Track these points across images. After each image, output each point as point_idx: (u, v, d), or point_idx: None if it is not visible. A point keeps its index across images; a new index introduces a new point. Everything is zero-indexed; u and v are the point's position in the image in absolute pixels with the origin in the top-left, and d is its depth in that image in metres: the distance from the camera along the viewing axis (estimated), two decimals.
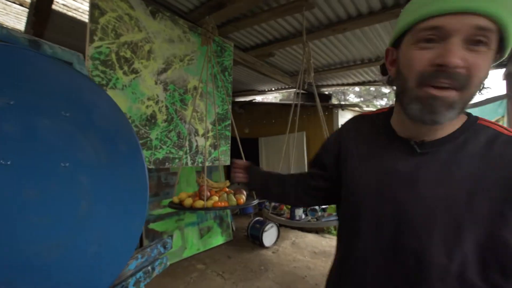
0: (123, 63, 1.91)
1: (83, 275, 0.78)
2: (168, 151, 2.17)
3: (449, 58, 0.41)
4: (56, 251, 0.77)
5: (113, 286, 0.84)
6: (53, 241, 0.79)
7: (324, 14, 2.23)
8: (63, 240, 0.80)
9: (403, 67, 0.49)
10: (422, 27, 0.44)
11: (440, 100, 0.43)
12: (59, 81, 0.94)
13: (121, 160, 1.02)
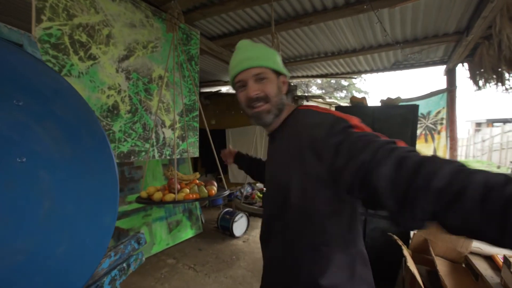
0: (79, 47, 1.73)
1: (52, 280, 0.72)
2: (133, 143, 2.04)
3: (249, 94, 0.77)
4: (18, 257, 0.69)
5: (87, 286, 0.79)
6: (13, 246, 0.72)
7: (291, 6, 2.27)
8: (25, 244, 0.72)
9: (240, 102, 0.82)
10: (235, 81, 0.80)
11: (260, 113, 0.78)
12: (8, 65, 0.83)
13: (87, 153, 0.94)
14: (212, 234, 3.77)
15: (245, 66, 0.77)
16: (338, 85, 12.24)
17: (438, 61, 3.52)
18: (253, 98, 0.76)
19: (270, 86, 0.78)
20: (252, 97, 0.76)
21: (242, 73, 0.77)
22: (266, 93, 0.77)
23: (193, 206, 3.72)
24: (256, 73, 0.77)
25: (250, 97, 0.77)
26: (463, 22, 2.47)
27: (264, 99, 0.77)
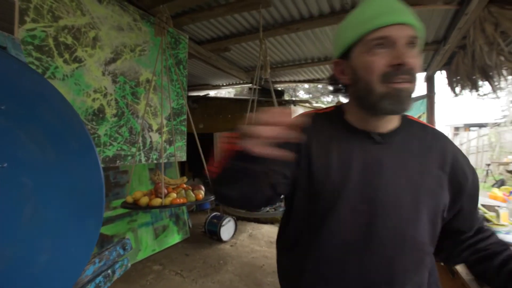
0: (63, 50, 1.70)
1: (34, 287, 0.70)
2: (119, 147, 2.01)
3: (406, 59, 0.51)
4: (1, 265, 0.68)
5: None
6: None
7: (279, 13, 2.32)
8: (6, 250, 0.70)
9: (361, 72, 0.55)
10: (371, 37, 0.53)
11: (404, 92, 0.53)
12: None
13: (72, 158, 0.93)
14: (199, 239, 3.74)
15: (401, 19, 0.52)
16: (325, 90, 12.49)
17: None
18: (405, 66, 0.51)
19: (419, 60, 0.55)
20: (405, 65, 0.51)
21: (393, 28, 0.52)
22: (415, 68, 0.53)
23: (180, 210, 3.68)
24: (413, 34, 0.53)
25: (403, 63, 0.51)
26: (441, 32, 2.61)
27: (413, 76, 0.53)
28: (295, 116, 0.64)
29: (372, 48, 0.53)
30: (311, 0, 2.12)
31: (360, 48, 0.55)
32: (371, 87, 0.54)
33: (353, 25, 0.56)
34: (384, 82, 0.52)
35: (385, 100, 0.53)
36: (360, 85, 0.57)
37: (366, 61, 0.54)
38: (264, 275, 2.76)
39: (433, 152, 0.60)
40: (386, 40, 0.52)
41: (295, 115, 0.66)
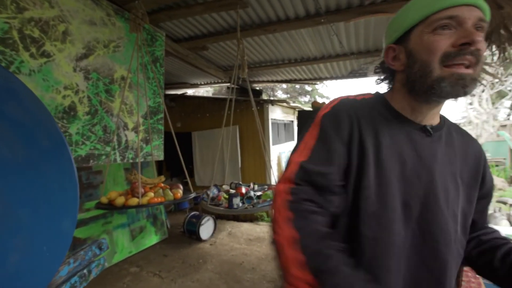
0: (30, 43, 1.61)
1: None
2: (92, 147, 1.94)
3: (474, 37, 0.47)
4: None
5: None
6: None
7: (256, 14, 2.37)
8: None
9: (421, 53, 0.52)
10: (438, 17, 0.49)
11: (468, 76, 0.49)
12: None
13: (44, 156, 0.91)
14: (178, 239, 3.69)
15: (471, 1, 0.49)
16: (302, 90, 12.80)
17: None
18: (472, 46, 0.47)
19: (485, 45, 0.51)
20: (473, 44, 0.47)
21: (461, 8, 0.49)
22: (482, 52, 0.49)
23: (158, 211, 3.61)
24: (481, 17, 0.49)
25: (471, 42, 0.47)
26: None
27: (478, 58, 0.49)
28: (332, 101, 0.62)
29: (437, 28, 0.49)
30: (287, 3, 2.19)
31: (423, 28, 0.51)
32: (429, 69, 0.51)
33: (418, 6, 0.52)
34: (444, 63, 0.49)
35: (444, 83, 0.50)
36: (415, 67, 0.53)
37: (429, 40, 0.50)
38: (244, 272, 2.80)
39: (471, 151, 0.61)
40: (454, 20, 0.48)
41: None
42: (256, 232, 4.00)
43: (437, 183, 0.54)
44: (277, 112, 5.00)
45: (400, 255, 0.54)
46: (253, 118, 2.77)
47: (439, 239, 0.54)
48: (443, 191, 0.54)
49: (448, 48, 0.49)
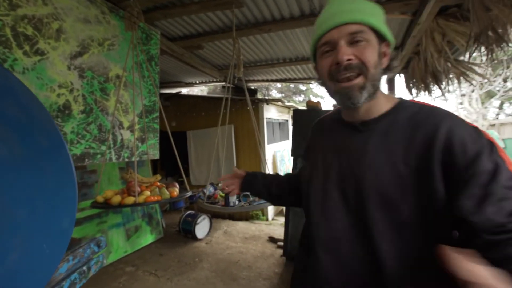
0: (23, 41, 1.59)
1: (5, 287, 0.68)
2: (87, 145, 1.93)
3: (339, 56, 0.56)
4: None
5: None
6: None
7: (252, 13, 2.38)
8: None
9: (320, 74, 0.64)
10: (319, 44, 0.61)
11: (351, 89, 0.57)
12: None
13: (42, 155, 0.91)
14: (173, 238, 3.68)
15: (338, 21, 0.56)
16: (297, 89, 12.86)
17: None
18: (342, 64, 0.55)
19: (369, 52, 0.56)
20: (341, 63, 0.55)
21: (331, 32, 0.57)
22: (363, 61, 0.55)
23: (153, 210, 3.60)
24: (352, 31, 0.56)
25: (338, 62, 0.56)
26: (398, 39, 2.87)
27: (359, 68, 0.56)
28: None
29: (323, 53, 0.60)
30: (282, 3, 2.21)
31: (318, 54, 0.63)
32: (327, 86, 0.62)
33: (312, 36, 0.64)
34: (332, 80, 0.60)
35: (336, 96, 0.61)
36: (323, 84, 0.65)
37: (319, 65, 0.63)
38: (240, 270, 2.82)
39: (420, 135, 0.55)
40: (329, 44, 0.58)
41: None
42: (251, 231, 4.02)
43: (369, 171, 0.58)
44: (272, 111, 5.03)
45: (340, 239, 0.61)
46: (248, 117, 2.79)
47: (372, 227, 0.56)
48: (375, 177, 0.57)
49: (329, 67, 0.59)
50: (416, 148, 0.55)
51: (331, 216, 0.63)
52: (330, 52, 0.59)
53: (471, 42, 2.00)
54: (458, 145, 0.51)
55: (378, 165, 0.58)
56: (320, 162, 0.69)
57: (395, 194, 0.55)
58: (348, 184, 0.61)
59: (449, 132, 0.52)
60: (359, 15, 0.56)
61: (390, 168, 0.56)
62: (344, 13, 0.57)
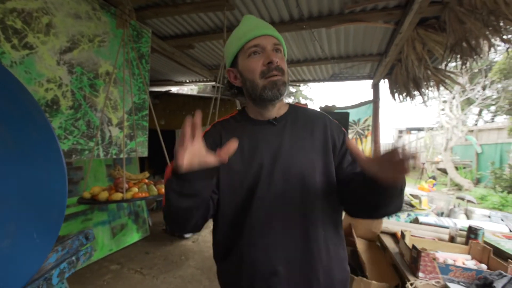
0: (12, 34, 1.58)
1: None
2: (75, 141, 1.92)
3: (274, 58, 0.70)
4: None
5: (33, 280, 0.78)
6: None
7: (242, 15, 2.43)
8: None
9: (246, 74, 0.74)
10: (248, 46, 0.72)
11: (279, 81, 0.71)
12: None
13: (32, 147, 0.93)
14: (160, 237, 3.68)
15: (266, 32, 0.73)
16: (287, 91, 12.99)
17: (366, 76, 4.14)
18: (274, 64, 0.70)
19: (284, 62, 0.75)
20: (273, 63, 0.70)
21: (260, 38, 0.72)
22: (282, 65, 0.72)
23: (140, 208, 3.58)
24: (275, 42, 0.73)
25: (271, 61, 0.70)
26: (382, 46, 3.01)
27: (282, 71, 0.72)
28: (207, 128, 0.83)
29: (250, 54, 0.72)
30: (272, 7, 2.28)
31: (242, 56, 0.74)
32: (255, 83, 0.73)
33: (235, 40, 0.75)
34: (262, 77, 0.71)
35: (266, 90, 0.72)
36: (248, 83, 0.75)
37: (248, 64, 0.73)
38: None
39: (317, 126, 0.79)
40: (258, 47, 0.72)
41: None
42: None
43: (288, 157, 0.73)
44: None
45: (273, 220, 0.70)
46: None
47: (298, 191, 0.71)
48: (294, 162, 0.73)
49: (262, 67, 0.71)
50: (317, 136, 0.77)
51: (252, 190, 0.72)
52: (258, 54, 0.72)
53: (447, 52, 2.15)
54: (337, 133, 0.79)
55: (296, 149, 0.74)
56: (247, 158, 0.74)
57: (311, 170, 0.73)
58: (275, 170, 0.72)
59: (331, 124, 0.80)
60: (278, 34, 0.76)
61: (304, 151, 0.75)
62: (267, 28, 0.74)
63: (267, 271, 0.68)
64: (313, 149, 0.76)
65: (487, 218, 1.86)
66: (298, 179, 0.72)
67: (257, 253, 0.69)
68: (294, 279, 0.69)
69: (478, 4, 1.72)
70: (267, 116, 0.79)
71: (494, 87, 9.96)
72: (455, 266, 1.18)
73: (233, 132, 0.78)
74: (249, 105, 0.82)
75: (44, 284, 0.80)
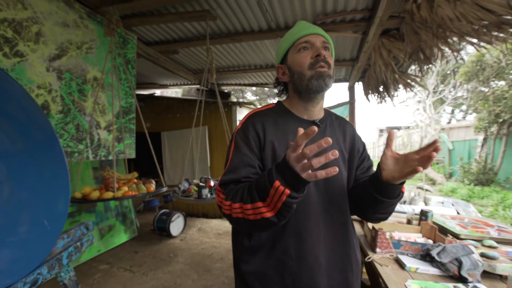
0: (3, 43, 1.67)
1: (16, 252, 0.83)
2: (65, 144, 2.02)
3: (322, 51, 0.76)
4: None
5: (46, 260, 0.91)
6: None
7: (225, 25, 2.61)
8: None
9: (295, 66, 0.80)
10: (299, 42, 0.80)
11: (325, 73, 0.76)
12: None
13: (39, 147, 1.06)
14: (148, 237, 3.76)
15: (316, 31, 0.79)
16: (271, 92, 13.28)
17: (342, 79, 4.43)
18: (322, 57, 0.75)
19: (331, 59, 0.81)
20: (321, 55, 0.75)
21: (310, 36, 0.78)
22: (329, 60, 0.78)
23: (127, 210, 3.65)
24: (324, 40, 0.80)
25: (319, 54, 0.76)
26: (354, 53, 3.28)
27: (329, 64, 0.77)
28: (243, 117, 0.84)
29: (300, 49, 0.79)
30: (251, 17, 2.47)
31: (292, 51, 0.81)
32: (303, 74, 0.78)
33: (287, 39, 0.83)
34: (310, 68, 0.77)
35: (313, 80, 0.76)
36: (296, 76, 0.80)
37: (297, 57, 0.79)
38: (213, 262, 3.01)
39: (347, 132, 0.89)
40: (308, 43, 0.79)
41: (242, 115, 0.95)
42: (225, 227, 4.21)
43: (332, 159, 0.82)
44: (245, 114, 5.27)
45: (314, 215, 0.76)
46: (221, 119, 3.00)
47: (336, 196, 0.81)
48: (335, 163, 0.80)
49: (310, 59, 0.77)
50: (348, 141, 0.87)
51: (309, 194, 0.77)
52: (307, 50, 0.78)
53: (406, 59, 2.43)
54: (359, 141, 0.91)
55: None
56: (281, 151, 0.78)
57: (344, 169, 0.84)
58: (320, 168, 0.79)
59: (356, 134, 0.92)
60: (327, 35, 0.83)
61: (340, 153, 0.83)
62: (318, 29, 0.81)
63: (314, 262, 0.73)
64: (343, 153, 0.84)
65: (441, 204, 2.14)
66: (336, 181, 0.79)
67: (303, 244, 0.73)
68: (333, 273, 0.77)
69: (428, 19, 2.00)
70: (312, 116, 0.83)
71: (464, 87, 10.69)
72: (405, 241, 1.41)
73: (276, 127, 0.80)
74: (294, 101, 0.85)
75: (56, 264, 0.93)
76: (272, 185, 0.58)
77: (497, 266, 1.14)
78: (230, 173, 0.75)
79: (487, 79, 8.15)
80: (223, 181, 0.75)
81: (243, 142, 0.78)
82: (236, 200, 0.67)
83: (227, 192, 0.72)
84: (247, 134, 0.78)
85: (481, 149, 8.36)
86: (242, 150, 0.77)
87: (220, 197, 0.74)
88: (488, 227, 1.63)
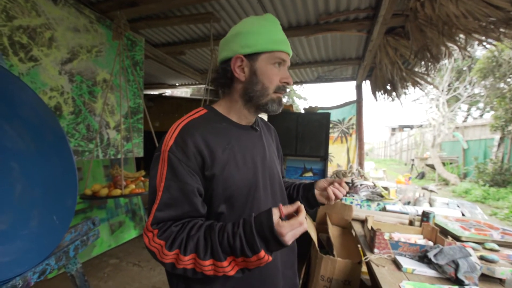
0: (19, 49, 1.77)
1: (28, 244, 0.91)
2: (76, 144, 2.12)
3: (290, 81, 0.75)
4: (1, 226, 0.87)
5: (54, 252, 0.98)
6: None
7: (228, 26, 2.65)
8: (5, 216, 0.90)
9: (265, 79, 0.71)
10: (277, 55, 0.71)
11: (281, 99, 0.76)
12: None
13: (50, 147, 1.14)
14: None
15: (290, 51, 0.76)
16: None
17: (349, 77, 4.39)
18: (288, 85, 0.75)
19: None
20: (288, 83, 0.75)
21: (286, 54, 0.74)
22: None
23: (137, 207, 3.77)
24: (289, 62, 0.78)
25: (288, 82, 0.75)
26: (360, 51, 3.25)
27: None
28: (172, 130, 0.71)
29: (275, 62, 0.71)
30: None
31: (268, 58, 0.70)
32: (267, 92, 0.72)
33: (267, 39, 0.70)
34: (275, 91, 0.72)
35: (274, 103, 0.73)
36: (257, 86, 0.71)
37: (271, 71, 0.71)
38: None
39: (272, 134, 0.96)
40: (283, 61, 0.73)
41: None
42: None
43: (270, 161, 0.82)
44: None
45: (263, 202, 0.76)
46: None
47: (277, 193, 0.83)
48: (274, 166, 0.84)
49: (279, 82, 0.72)
50: (273, 142, 0.94)
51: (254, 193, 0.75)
52: (279, 67, 0.72)
53: (412, 57, 2.39)
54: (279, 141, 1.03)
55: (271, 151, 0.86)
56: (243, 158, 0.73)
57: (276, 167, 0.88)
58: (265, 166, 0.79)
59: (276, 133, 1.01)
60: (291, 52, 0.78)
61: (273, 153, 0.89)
62: (289, 45, 0.75)
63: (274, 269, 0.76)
64: (275, 153, 0.92)
65: (446, 205, 2.11)
66: (277, 180, 0.83)
67: None
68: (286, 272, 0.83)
69: (433, 17, 1.97)
70: (250, 121, 0.80)
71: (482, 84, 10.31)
72: (403, 242, 1.41)
73: (217, 135, 0.70)
74: (236, 106, 0.76)
75: (63, 256, 1.01)
76: (256, 254, 0.55)
77: (496, 270, 1.13)
78: (168, 208, 0.61)
79: (504, 75, 7.84)
80: (159, 218, 0.61)
81: (182, 163, 0.63)
82: (187, 252, 0.57)
83: (167, 236, 0.59)
84: (186, 152, 0.64)
85: (498, 149, 8.07)
86: (181, 175, 0.63)
87: (154, 242, 0.59)
88: (492, 229, 1.61)
